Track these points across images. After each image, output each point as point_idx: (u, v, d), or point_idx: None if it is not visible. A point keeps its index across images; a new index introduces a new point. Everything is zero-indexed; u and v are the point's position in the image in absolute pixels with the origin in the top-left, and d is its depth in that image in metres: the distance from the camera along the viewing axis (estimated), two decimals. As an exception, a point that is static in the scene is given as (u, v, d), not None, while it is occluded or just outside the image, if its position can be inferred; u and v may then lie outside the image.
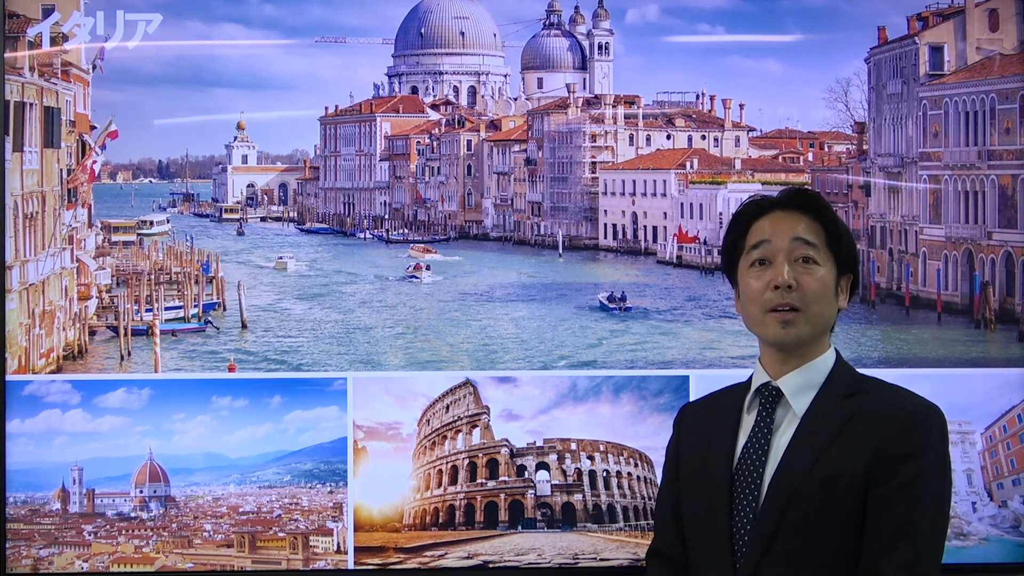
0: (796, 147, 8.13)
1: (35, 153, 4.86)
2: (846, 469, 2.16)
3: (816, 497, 2.17)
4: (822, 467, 2.17)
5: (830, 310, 2.28)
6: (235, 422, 4.06)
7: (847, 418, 2.21)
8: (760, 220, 2.31)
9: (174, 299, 7.06)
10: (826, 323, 2.29)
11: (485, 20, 9.09)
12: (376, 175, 9.27)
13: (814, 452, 2.19)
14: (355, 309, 7.32)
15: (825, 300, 2.26)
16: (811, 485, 2.17)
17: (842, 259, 2.29)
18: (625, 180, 8.65)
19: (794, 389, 2.27)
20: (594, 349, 6.77)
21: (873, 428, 2.18)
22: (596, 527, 4.02)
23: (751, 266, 2.30)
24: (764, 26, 5.27)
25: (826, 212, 2.31)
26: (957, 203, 5.82)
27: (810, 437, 2.22)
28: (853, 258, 2.32)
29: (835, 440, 2.19)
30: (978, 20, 5.47)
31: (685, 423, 2.52)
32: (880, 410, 2.21)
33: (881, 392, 2.27)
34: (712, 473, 2.32)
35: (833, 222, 2.30)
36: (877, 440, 2.17)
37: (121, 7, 4.27)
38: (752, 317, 2.31)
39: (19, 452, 3.98)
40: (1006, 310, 5.20)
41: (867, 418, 2.20)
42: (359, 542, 4.01)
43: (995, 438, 4.00)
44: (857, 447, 2.17)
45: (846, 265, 2.30)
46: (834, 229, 2.29)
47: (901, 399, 2.25)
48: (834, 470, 2.16)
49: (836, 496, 2.16)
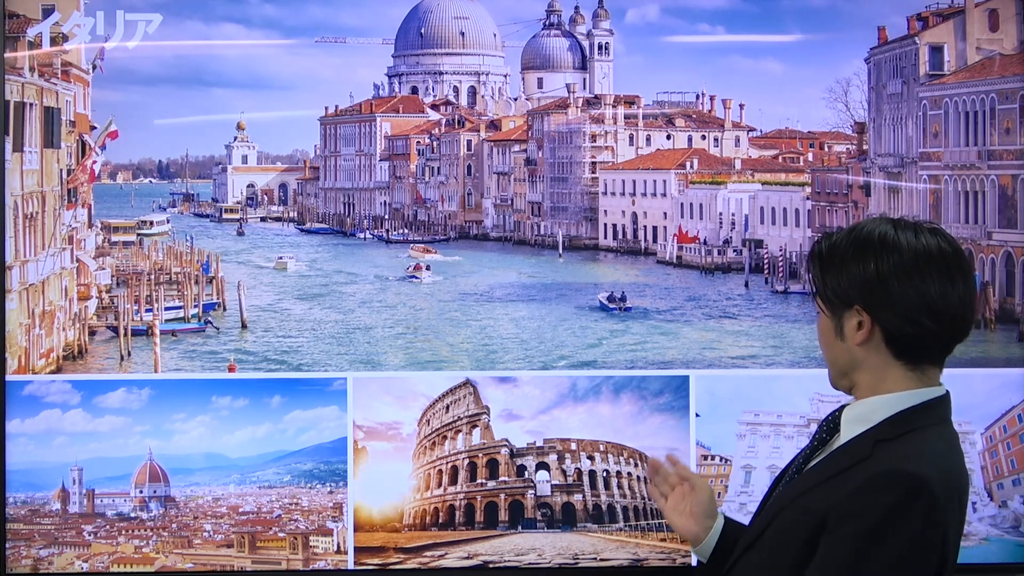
0: (796, 147, 8.14)
1: (35, 153, 4.86)
2: (812, 516, 2.11)
3: (789, 523, 2.17)
4: (807, 499, 2.16)
5: (834, 353, 2.24)
6: (235, 422, 4.06)
7: (851, 465, 2.13)
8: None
9: (174, 299, 7.06)
10: (839, 366, 2.24)
11: (485, 20, 9.10)
12: (376, 175, 9.28)
13: (810, 484, 2.19)
14: (355, 309, 7.32)
15: (825, 345, 2.26)
16: (792, 510, 2.18)
17: (827, 299, 2.22)
18: (625, 180, 8.65)
19: (848, 420, 2.24)
20: (594, 349, 6.77)
21: (849, 481, 2.10)
22: (596, 527, 4.02)
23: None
24: (764, 26, 5.27)
25: (813, 261, 2.27)
26: (957, 203, 5.82)
27: (819, 468, 2.21)
28: (841, 293, 2.18)
29: (827, 482, 2.14)
30: (978, 20, 5.47)
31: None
32: (870, 464, 2.10)
33: (894, 447, 2.12)
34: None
35: (816, 266, 2.24)
36: (838, 495, 2.09)
37: (121, 7, 4.27)
38: None
39: (19, 452, 3.98)
40: (1006, 310, 5.20)
41: (858, 469, 2.11)
42: (359, 542, 4.01)
43: (995, 438, 4.00)
44: (830, 497, 2.10)
45: (837, 303, 2.20)
46: (817, 274, 2.24)
47: (889, 460, 2.09)
48: (805, 511, 2.13)
49: (796, 539, 2.13)
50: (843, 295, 2.18)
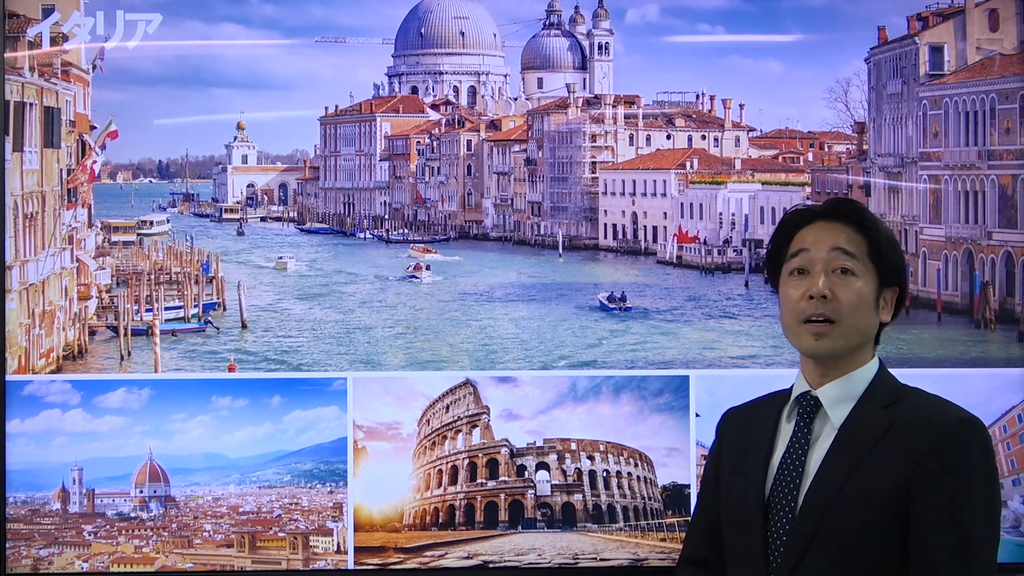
0: (796, 147, 8.13)
1: (35, 153, 4.86)
2: (882, 483, 2.14)
3: (851, 511, 2.15)
4: (857, 481, 2.15)
5: (867, 323, 2.25)
6: (235, 422, 4.06)
7: (884, 430, 2.18)
8: (803, 230, 2.30)
9: (174, 299, 7.06)
10: (863, 336, 2.26)
11: (485, 20, 9.09)
12: (376, 175, 9.27)
13: (850, 465, 2.17)
14: (355, 309, 7.32)
15: (861, 312, 2.23)
16: (846, 499, 2.16)
17: (884, 271, 2.26)
18: (625, 180, 8.65)
19: (833, 400, 2.25)
20: (594, 349, 6.77)
21: (910, 441, 2.15)
22: (596, 527, 4.02)
23: (790, 275, 2.28)
24: (764, 26, 5.27)
25: (868, 223, 2.27)
26: (957, 203, 5.82)
27: (846, 449, 2.20)
28: (898, 270, 2.28)
29: (871, 453, 2.17)
30: (978, 20, 5.47)
31: (727, 429, 2.49)
32: (917, 423, 2.17)
33: (919, 402, 2.23)
34: (749, 482, 2.30)
35: (875, 233, 2.27)
36: (916, 453, 2.14)
37: (121, 7, 4.27)
38: (788, 327, 2.29)
39: (19, 452, 3.98)
40: (1006, 310, 5.20)
41: (904, 430, 2.17)
42: (359, 542, 4.01)
43: (995, 438, 4.00)
44: (894, 460, 2.15)
45: (889, 278, 2.27)
46: (876, 240, 2.26)
47: (940, 411, 2.20)
48: (870, 484, 2.15)
49: (871, 510, 2.14)
50: (896, 273, 2.28)
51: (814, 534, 2.18)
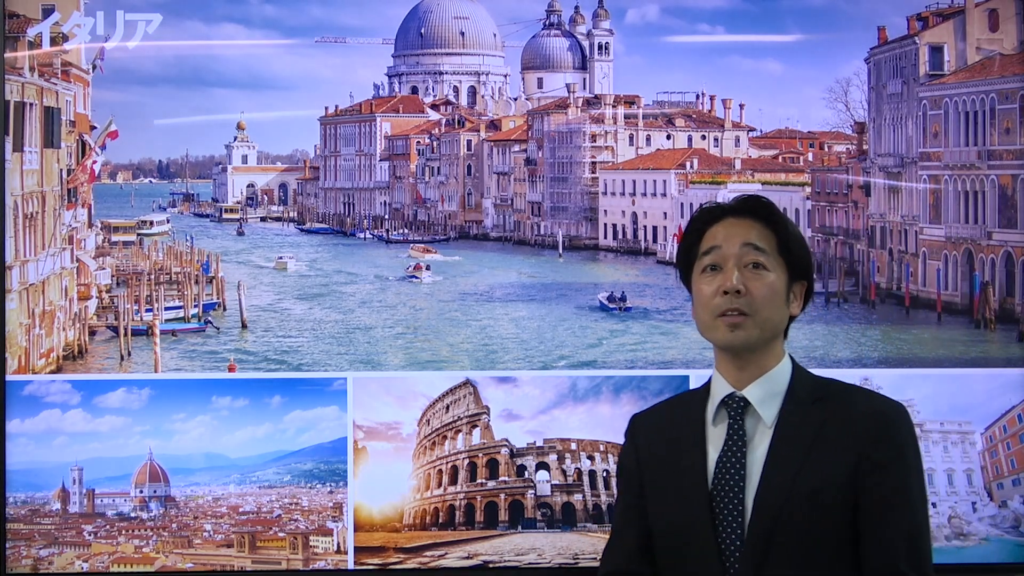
0: (796, 147, 8.14)
1: (35, 153, 4.86)
2: (831, 478, 2.18)
3: (805, 508, 2.17)
4: (805, 478, 2.18)
5: (780, 316, 2.28)
6: (235, 422, 4.06)
7: (819, 425, 2.22)
8: (713, 227, 2.32)
9: (174, 299, 7.06)
10: (776, 328, 2.29)
11: (485, 20, 9.10)
12: (376, 175, 9.28)
13: (794, 464, 2.20)
14: (355, 309, 7.32)
15: (774, 305, 2.26)
16: (798, 497, 2.17)
17: (793, 266, 2.29)
18: (625, 180, 8.65)
19: (760, 399, 2.27)
20: (594, 349, 6.77)
21: (849, 435, 2.20)
22: (596, 527, 4.02)
23: (703, 272, 2.30)
24: (764, 26, 5.27)
25: (776, 219, 2.31)
26: (957, 203, 5.82)
27: (787, 449, 2.22)
28: (805, 265, 2.32)
29: (812, 449, 2.20)
30: (978, 20, 5.47)
31: (642, 435, 2.46)
32: (852, 416, 2.22)
33: (846, 395, 2.28)
34: (687, 489, 2.28)
35: (784, 228, 2.30)
36: (859, 446, 2.19)
37: (121, 7, 4.27)
38: (703, 322, 2.31)
39: (19, 452, 3.98)
40: (1006, 310, 5.20)
41: (840, 425, 2.22)
42: (359, 542, 4.01)
43: (995, 438, 4.00)
44: (837, 455, 2.19)
45: (797, 272, 2.31)
46: (784, 235, 2.29)
47: (870, 402, 2.26)
48: (819, 480, 2.18)
49: (824, 507, 2.17)
50: (804, 267, 2.32)
51: (770, 538, 2.18)
